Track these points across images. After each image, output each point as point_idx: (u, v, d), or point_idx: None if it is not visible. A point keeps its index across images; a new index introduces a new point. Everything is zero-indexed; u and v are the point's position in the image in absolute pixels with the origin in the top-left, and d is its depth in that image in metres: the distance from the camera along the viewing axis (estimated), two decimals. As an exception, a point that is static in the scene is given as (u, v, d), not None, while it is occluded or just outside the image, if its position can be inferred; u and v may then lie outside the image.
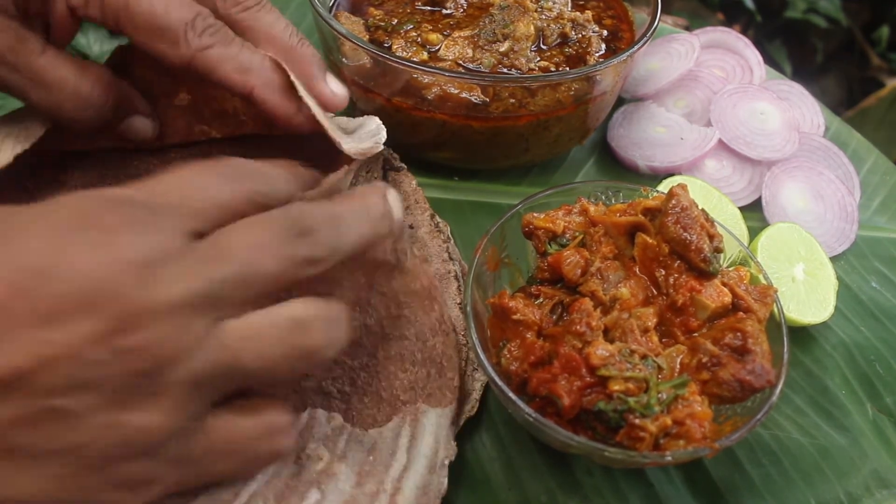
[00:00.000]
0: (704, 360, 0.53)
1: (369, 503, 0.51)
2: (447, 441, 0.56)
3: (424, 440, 0.56)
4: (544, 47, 0.80)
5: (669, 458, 0.49)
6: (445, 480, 0.54)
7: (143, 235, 0.35)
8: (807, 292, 0.71)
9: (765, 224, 0.80)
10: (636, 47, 0.74)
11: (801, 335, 0.72)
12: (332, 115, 0.66)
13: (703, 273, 0.55)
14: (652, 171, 0.84)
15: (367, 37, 0.79)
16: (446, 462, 0.55)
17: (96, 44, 1.25)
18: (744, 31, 1.95)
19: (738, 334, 0.53)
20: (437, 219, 0.72)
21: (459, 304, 0.66)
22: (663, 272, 0.56)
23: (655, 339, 0.54)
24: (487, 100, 0.73)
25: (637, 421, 0.49)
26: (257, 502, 0.51)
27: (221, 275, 0.36)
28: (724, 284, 0.56)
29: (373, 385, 0.59)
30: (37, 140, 0.57)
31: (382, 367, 0.60)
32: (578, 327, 0.52)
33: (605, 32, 0.83)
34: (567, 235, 0.60)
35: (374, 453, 0.55)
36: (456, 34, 0.78)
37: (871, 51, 2.05)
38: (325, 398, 0.57)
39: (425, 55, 0.77)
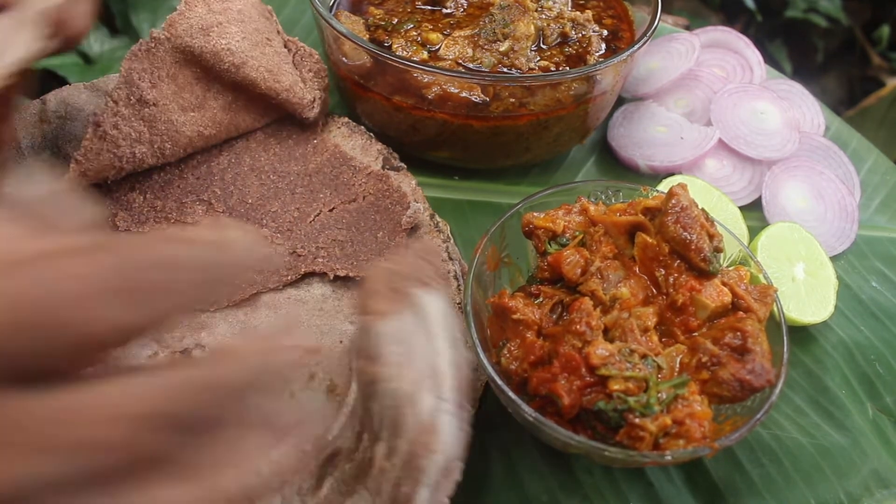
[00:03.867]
0: (704, 359, 0.53)
1: (416, 390, 0.51)
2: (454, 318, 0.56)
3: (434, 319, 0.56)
4: (544, 47, 0.80)
5: (669, 458, 0.49)
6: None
7: None
8: (807, 292, 0.71)
9: (765, 223, 0.80)
10: (636, 47, 0.74)
11: (801, 335, 0.72)
12: None
13: (703, 273, 0.55)
14: (652, 171, 0.84)
15: (368, 36, 0.79)
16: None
17: (97, 43, 1.25)
18: (744, 31, 1.94)
19: (738, 334, 0.53)
20: (437, 218, 0.72)
21: (459, 303, 0.66)
22: (663, 272, 0.56)
23: (655, 338, 0.54)
24: (487, 99, 0.73)
25: (637, 420, 0.49)
26: (346, 432, 0.53)
27: None
28: (724, 284, 0.56)
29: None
30: None
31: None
32: (578, 327, 0.52)
33: (605, 32, 0.83)
34: (567, 235, 0.60)
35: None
36: (456, 33, 0.78)
37: (871, 50, 2.05)
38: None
39: (425, 54, 0.77)
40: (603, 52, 0.81)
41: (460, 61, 0.76)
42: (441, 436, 0.51)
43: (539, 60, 0.78)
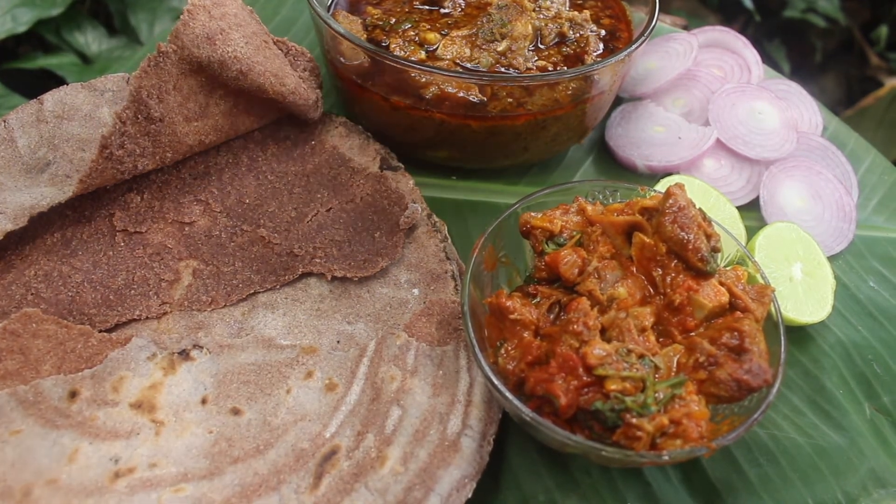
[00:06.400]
0: (701, 359, 0.53)
1: (447, 412, 0.57)
2: None
3: None
4: (542, 47, 0.80)
5: (666, 458, 0.49)
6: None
7: None
8: (805, 292, 0.71)
9: (763, 223, 0.80)
10: (634, 47, 0.74)
11: (799, 334, 0.72)
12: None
13: (701, 272, 0.55)
14: (650, 171, 0.84)
15: (365, 36, 0.79)
16: None
17: (94, 43, 1.25)
18: (742, 31, 1.94)
19: (736, 334, 0.53)
20: (435, 218, 0.72)
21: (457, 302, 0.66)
22: (661, 271, 0.56)
23: (653, 338, 0.54)
24: (485, 99, 0.73)
25: (634, 420, 0.49)
26: (345, 430, 0.56)
27: None
28: (722, 284, 0.56)
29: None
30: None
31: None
32: (575, 326, 0.52)
33: (603, 32, 0.83)
34: (564, 235, 0.60)
35: (442, 367, 0.60)
36: (454, 33, 0.78)
37: (869, 50, 2.05)
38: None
39: (423, 54, 0.77)
40: (601, 51, 0.81)
41: (458, 61, 0.76)
42: (461, 454, 0.54)
43: (537, 60, 0.78)
